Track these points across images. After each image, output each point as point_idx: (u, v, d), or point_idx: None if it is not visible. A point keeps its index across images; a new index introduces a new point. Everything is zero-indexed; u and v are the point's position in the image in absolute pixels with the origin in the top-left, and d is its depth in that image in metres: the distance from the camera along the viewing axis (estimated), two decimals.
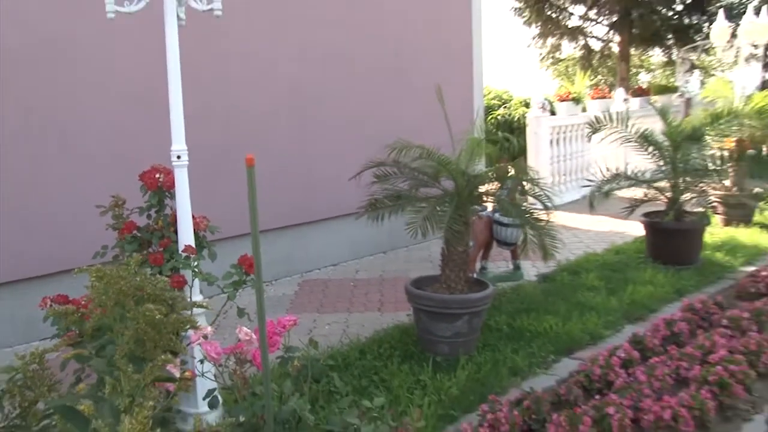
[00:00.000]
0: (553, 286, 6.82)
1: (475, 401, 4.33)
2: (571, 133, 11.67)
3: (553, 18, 19.36)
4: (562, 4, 19.21)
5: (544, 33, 19.98)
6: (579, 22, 19.73)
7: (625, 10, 17.66)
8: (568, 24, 19.62)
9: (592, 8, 19.00)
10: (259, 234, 2.42)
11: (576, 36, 20.06)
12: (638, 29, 18.16)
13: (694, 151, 7.68)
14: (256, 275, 2.45)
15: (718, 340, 5.06)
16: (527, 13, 19.12)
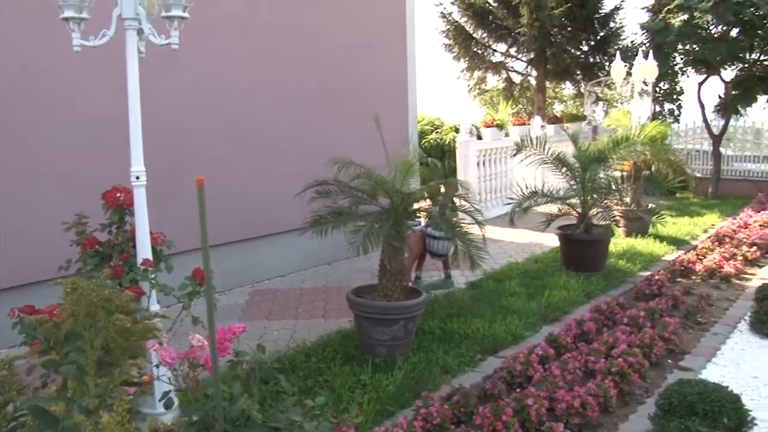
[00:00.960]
0: (480, 292, 6.86)
1: (410, 398, 4.33)
2: (496, 155, 11.82)
3: (478, 54, 19.59)
4: (486, 41, 19.47)
5: (471, 67, 20.19)
6: (501, 58, 20.01)
7: (540, 49, 18.00)
8: (492, 59, 19.88)
9: (513, 46, 19.30)
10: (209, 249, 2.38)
11: (499, 70, 20.34)
12: (552, 65, 18.54)
13: (599, 172, 7.88)
14: (206, 287, 2.42)
15: (619, 336, 5.19)
16: (456, 50, 19.32)
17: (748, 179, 15.70)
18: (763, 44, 14.34)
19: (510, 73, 20.44)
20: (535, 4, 16.52)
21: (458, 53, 19.39)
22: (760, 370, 5.05)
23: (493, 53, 19.81)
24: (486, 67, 20.13)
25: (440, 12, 18.91)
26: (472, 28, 19.08)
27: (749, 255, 8.41)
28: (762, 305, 5.80)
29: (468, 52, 19.36)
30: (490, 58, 19.82)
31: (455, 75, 20.68)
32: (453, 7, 18.82)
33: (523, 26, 16.96)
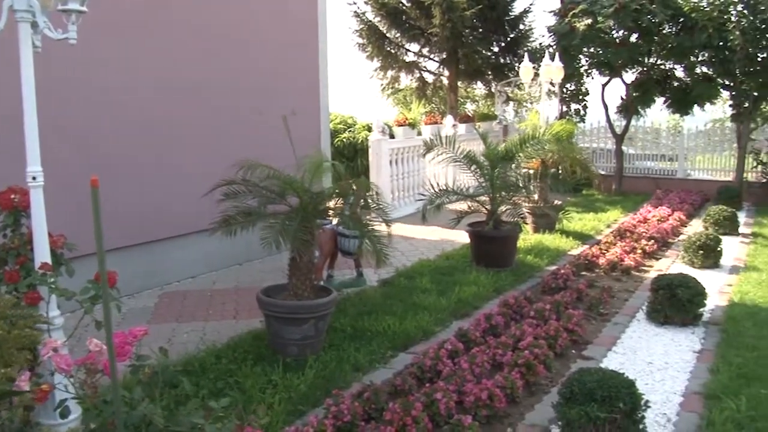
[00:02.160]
0: (391, 290, 6.92)
1: (321, 396, 4.33)
2: (408, 154, 11.95)
3: (392, 53, 19.71)
4: (399, 41, 19.60)
5: (384, 66, 20.29)
6: (414, 58, 20.20)
7: (452, 49, 18.27)
8: (405, 59, 20.04)
9: (425, 46, 19.51)
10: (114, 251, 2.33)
11: (412, 70, 20.52)
12: (464, 65, 18.85)
13: (508, 170, 8.08)
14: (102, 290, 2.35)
15: (526, 329, 5.35)
16: (369, 49, 19.37)
17: (648, 176, 16.49)
18: (660, 49, 15.09)
19: (423, 72, 20.66)
20: (447, 5, 16.76)
21: (372, 52, 19.45)
22: (654, 356, 5.32)
23: (407, 53, 19.98)
24: (399, 67, 20.27)
25: (354, 11, 18.94)
26: (386, 27, 19.19)
27: (648, 248, 8.84)
28: (657, 295, 6.10)
29: (381, 52, 19.45)
30: (404, 57, 19.98)
31: (369, 74, 20.74)
32: (366, 6, 18.89)
33: (436, 27, 17.18)
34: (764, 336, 5.68)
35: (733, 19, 13.40)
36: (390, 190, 11.42)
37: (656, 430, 4.06)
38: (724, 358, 5.19)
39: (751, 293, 7.06)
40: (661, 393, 4.62)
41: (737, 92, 14.52)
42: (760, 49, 13.42)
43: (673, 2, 14.18)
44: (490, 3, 17.70)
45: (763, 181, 14.97)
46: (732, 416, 4.18)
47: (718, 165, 16.57)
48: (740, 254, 9.11)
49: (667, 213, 11.49)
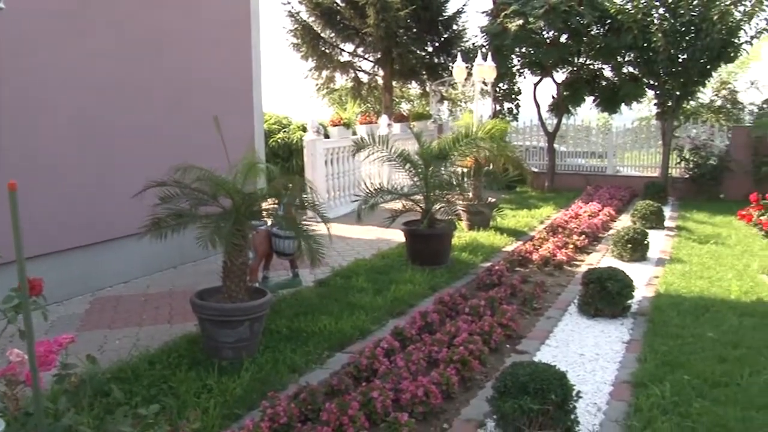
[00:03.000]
0: (328, 290, 6.91)
1: (257, 399, 4.28)
2: (343, 153, 11.94)
3: (327, 53, 19.64)
4: (334, 41, 19.56)
5: (319, 66, 20.20)
6: (349, 58, 20.19)
7: (387, 49, 18.32)
8: (340, 59, 20.00)
9: (360, 46, 19.51)
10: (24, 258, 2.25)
11: (347, 69, 20.51)
12: (398, 65, 18.92)
13: (441, 169, 8.16)
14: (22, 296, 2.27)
15: (461, 326, 5.41)
16: (304, 49, 19.25)
17: (579, 173, 16.92)
18: (588, 50, 15.50)
19: (358, 72, 20.68)
20: (381, 6, 16.81)
21: (306, 52, 19.35)
22: (585, 348, 5.47)
23: (341, 53, 19.95)
24: (334, 67, 20.23)
25: (288, 11, 18.80)
26: (320, 27, 19.12)
27: (579, 243, 9.07)
28: (588, 289, 6.27)
29: (316, 52, 19.37)
30: (338, 57, 19.95)
31: (304, 74, 20.64)
32: (301, 6, 18.78)
33: (370, 27, 17.20)
34: (687, 325, 5.91)
35: (655, 21, 13.88)
36: (326, 190, 11.40)
37: (587, 419, 4.17)
38: (650, 347, 5.37)
39: (675, 284, 7.32)
40: (592, 383, 4.74)
41: (661, 91, 15.04)
42: (680, 51, 13.94)
43: (600, 4, 14.60)
44: (423, 3, 17.83)
45: (687, 177, 15.55)
46: (657, 402, 4.34)
47: (645, 161, 17.13)
48: (666, 247, 9.44)
49: (598, 208, 11.82)
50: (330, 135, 12.21)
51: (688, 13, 13.52)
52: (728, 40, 13.70)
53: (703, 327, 5.88)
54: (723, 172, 15.02)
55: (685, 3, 13.45)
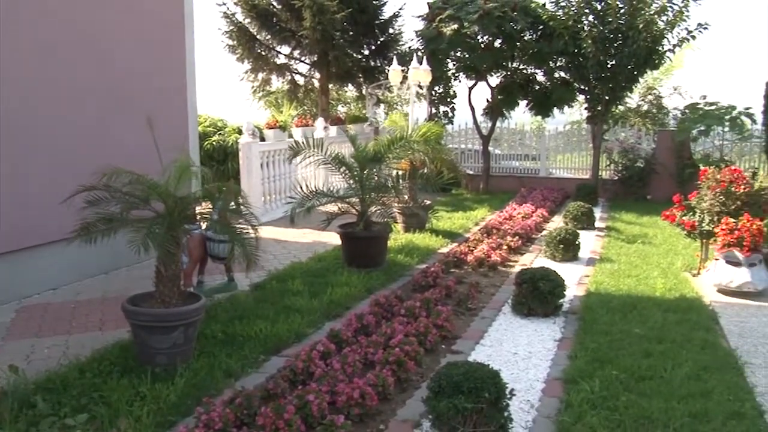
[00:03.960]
0: (263, 293, 6.86)
1: (192, 405, 4.22)
2: (279, 156, 11.87)
3: (263, 55, 19.48)
4: (270, 43, 19.42)
5: (255, 68, 20.03)
6: (286, 60, 20.09)
7: (323, 52, 18.30)
8: (276, 61, 19.88)
9: (296, 48, 19.43)
10: None
11: (283, 72, 20.39)
12: (335, 68, 18.91)
13: (376, 171, 8.20)
14: None
15: (397, 327, 5.46)
16: (240, 51, 19.05)
17: (514, 175, 17.25)
18: (522, 54, 15.83)
19: (294, 75, 20.60)
20: (317, 8, 16.78)
21: (242, 54, 19.17)
22: (519, 347, 5.58)
23: (278, 55, 19.84)
24: (270, 69, 20.10)
25: (223, 12, 18.59)
26: (256, 29, 18.97)
27: (513, 244, 9.25)
28: (521, 289, 6.40)
29: (252, 54, 19.22)
30: (275, 59, 19.83)
31: (239, 76, 20.42)
32: (236, 8, 18.58)
33: (306, 29, 17.16)
34: (616, 322, 6.10)
35: (585, 28, 14.28)
36: (262, 193, 11.31)
37: (521, 416, 4.27)
38: (581, 344, 5.52)
39: (605, 283, 7.55)
40: (525, 381, 4.85)
41: (591, 96, 15.48)
42: (609, 57, 14.38)
43: (533, 11, 14.95)
44: (360, 7, 17.91)
45: (616, 179, 16.03)
46: (587, 397, 4.48)
47: (577, 164, 17.59)
48: (596, 247, 9.72)
49: (531, 210, 12.08)
50: (266, 138, 12.12)
51: (615, 21, 13.97)
52: (653, 48, 14.24)
53: (630, 324, 6.08)
54: (649, 174, 15.54)
55: (613, 12, 13.90)
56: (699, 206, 8.06)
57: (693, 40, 14.48)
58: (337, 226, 8.21)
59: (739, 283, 7.20)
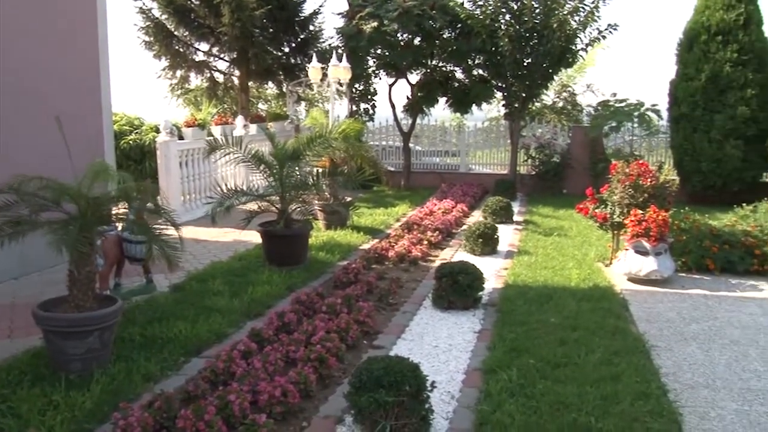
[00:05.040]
0: (183, 294, 6.74)
1: (109, 411, 4.13)
2: (199, 155, 11.64)
3: (180, 52, 19.05)
4: (188, 40, 19.01)
5: (173, 65, 19.56)
6: (204, 57, 19.70)
7: (242, 49, 18.05)
8: (195, 58, 19.47)
9: (215, 46, 19.09)
10: None
11: (202, 69, 20.00)
12: (254, 65, 18.67)
13: (296, 169, 8.18)
14: None
15: (318, 324, 5.48)
16: (157, 47, 18.57)
17: (435, 171, 17.47)
18: (441, 52, 16.03)
19: (213, 72, 20.24)
20: (236, 5, 16.54)
21: (159, 51, 18.68)
22: (439, 339, 5.69)
23: (196, 52, 19.44)
24: (189, 66, 19.68)
25: (139, 7, 18.06)
26: (173, 25, 18.52)
27: (433, 239, 9.39)
28: (441, 283, 6.52)
29: (169, 51, 18.75)
30: (193, 56, 19.43)
31: (157, 73, 19.91)
32: (153, 3, 18.10)
33: (225, 26, 16.89)
34: (532, 312, 6.30)
35: (502, 27, 14.60)
36: (181, 193, 11.10)
37: (442, 407, 4.36)
38: (499, 335, 5.68)
39: (522, 275, 7.76)
40: (446, 373, 4.95)
41: (508, 93, 15.84)
42: (525, 55, 14.76)
43: (451, 9, 15.15)
44: (279, 3, 17.74)
45: (533, 174, 16.46)
46: (505, 386, 4.63)
47: (496, 160, 17.97)
48: (514, 240, 9.97)
49: (451, 205, 12.26)
50: (184, 136, 11.88)
51: (531, 20, 14.34)
52: (567, 47, 14.70)
53: (546, 313, 6.29)
54: (565, 169, 16.04)
55: (529, 11, 14.26)
56: (610, 199, 8.38)
57: (604, 39, 15.06)
58: (257, 225, 8.14)
59: (647, 271, 7.54)
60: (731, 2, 13.83)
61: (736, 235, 8.32)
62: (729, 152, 13.60)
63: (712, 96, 13.79)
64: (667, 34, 79.48)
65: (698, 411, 4.44)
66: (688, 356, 5.43)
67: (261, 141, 12.50)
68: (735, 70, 13.57)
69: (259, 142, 12.15)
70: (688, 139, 14.17)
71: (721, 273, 8.09)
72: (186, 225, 10.09)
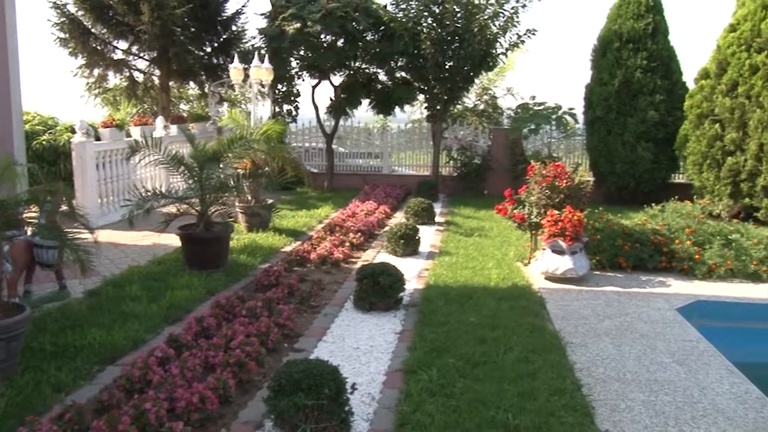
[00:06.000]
0: (98, 300, 6.51)
1: (16, 425, 3.92)
2: (117, 156, 11.27)
3: (98, 50, 18.40)
4: (106, 38, 18.39)
5: (90, 64, 18.87)
6: (123, 56, 19.10)
7: (163, 48, 17.59)
8: (113, 56, 18.85)
9: (135, 44, 18.53)
10: None
11: (121, 68, 19.38)
12: (175, 65, 18.23)
13: (216, 171, 8.03)
14: None
15: (238, 328, 5.39)
16: (72, 45, 17.87)
17: (358, 173, 17.49)
18: (364, 54, 16.06)
19: (133, 71, 19.66)
20: (156, 2, 16.12)
21: (75, 49, 17.99)
22: (360, 341, 5.69)
23: (114, 50, 18.83)
24: (107, 65, 19.03)
25: (53, 2, 17.33)
26: (90, 22, 17.86)
27: (355, 241, 9.39)
28: (362, 284, 6.51)
29: (86, 48, 18.09)
30: (111, 55, 18.80)
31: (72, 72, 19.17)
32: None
33: (145, 24, 16.43)
34: (453, 312, 6.37)
35: (424, 30, 14.74)
36: (98, 195, 10.72)
37: (363, 409, 4.36)
38: (420, 335, 5.72)
39: (443, 275, 7.84)
40: (367, 374, 4.95)
41: (431, 95, 16.01)
42: (447, 59, 14.95)
43: (374, 11, 15.20)
44: (201, 2, 17.39)
45: (455, 175, 16.69)
46: (425, 386, 4.67)
47: (419, 161, 18.14)
48: (436, 241, 10.07)
49: (374, 207, 12.28)
50: (101, 137, 11.48)
51: (453, 24, 14.54)
52: (488, 51, 14.99)
53: (467, 313, 6.37)
54: (486, 171, 16.33)
55: (450, 15, 14.45)
56: (528, 200, 8.58)
57: (523, 44, 15.42)
58: (177, 228, 7.94)
59: (564, 270, 7.75)
60: (641, 12, 14.41)
61: (646, 233, 8.65)
62: (641, 154, 14.19)
63: (624, 100, 14.35)
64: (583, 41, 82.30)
65: (609, 403, 4.60)
66: (601, 351, 5.60)
67: (182, 142, 12.21)
68: (645, 76, 14.16)
69: (180, 143, 11.88)
70: (603, 142, 14.69)
71: (632, 270, 8.40)
72: (103, 229, 9.80)
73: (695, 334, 6.10)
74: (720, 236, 8.71)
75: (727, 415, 4.49)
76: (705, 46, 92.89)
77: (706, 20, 56.95)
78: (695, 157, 12.97)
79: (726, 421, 4.40)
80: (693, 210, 9.70)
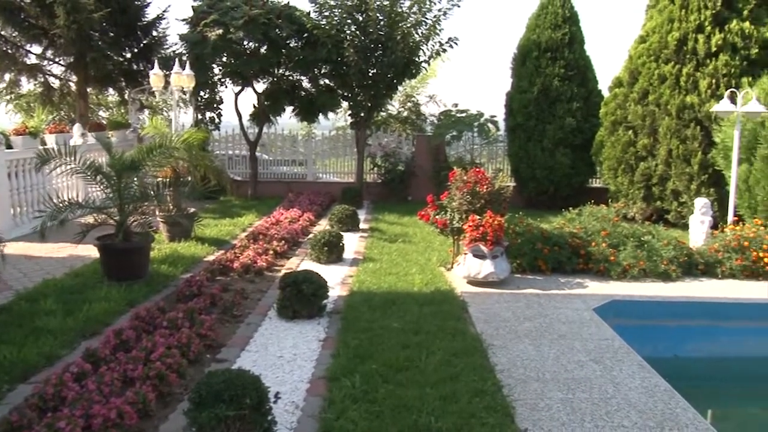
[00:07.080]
0: (9, 316, 6.22)
1: None
2: (30, 166, 10.83)
3: (9, 54, 17.71)
4: (17, 41, 17.70)
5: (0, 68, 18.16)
6: (37, 61, 18.42)
7: (80, 53, 17.05)
8: (26, 61, 18.17)
9: (49, 48, 17.90)
10: None
11: (35, 73, 18.72)
12: (93, 71, 17.70)
13: (134, 180, 7.84)
14: None
15: (158, 340, 5.27)
16: None
17: (282, 180, 17.35)
18: (288, 61, 15.97)
19: (48, 76, 18.99)
20: (71, 6, 15.63)
21: None
22: (284, 350, 5.66)
23: (27, 54, 18.15)
24: (19, 70, 18.34)
25: None
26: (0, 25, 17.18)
27: (279, 249, 9.32)
28: (285, 293, 6.48)
29: None
30: (24, 59, 18.12)
31: None
32: None
33: (60, 28, 15.90)
34: (376, 318, 6.42)
35: (348, 38, 14.79)
36: (10, 206, 10.29)
37: (286, 417, 4.34)
38: (343, 342, 5.73)
39: (367, 281, 7.88)
40: (291, 383, 4.93)
41: (354, 103, 16.05)
42: (370, 66, 15.02)
43: (297, 18, 15.12)
44: (120, 7, 17.00)
45: (380, 181, 16.78)
46: (349, 393, 4.69)
47: (343, 168, 18.13)
48: (360, 248, 10.10)
49: (298, 214, 12.22)
50: (13, 145, 11.03)
51: (376, 32, 14.63)
52: (410, 58, 15.15)
53: (390, 319, 6.42)
54: (410, 177, 16.47)
55: (374, 23, 14.53)
56: (450, 205, 8.71)
57: (445, 52, 15.62)
58: (95, 239, 7.70)
59: (485, 274, 7.90)
60: (558, 22, 14.89)
61: (564, 237, 8.93)
62: (559, 160, 14.64)
63: (543, 107, 14.79)
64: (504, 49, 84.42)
65: (529, 403, 4.73)
66: (521, 352, 5.75)
67: (100, 151, 11.84)
68: (563, 84, 14.63)
69: (98, 151, 11.54)
70: (523, 148, 15.09)
71: (552, 273, 8.66)
72: (15, 241, 9.44)
73: (610, 333, 6.35)
74: (633, 238, 9.08)
75: (638, 408, 4.69)
76: (618, 56, 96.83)
77: (620, 31, 59.42)
78: (610, 162, 13.47)
79: (637, 414, 4.60)
80: (608, 213, 10.09)
